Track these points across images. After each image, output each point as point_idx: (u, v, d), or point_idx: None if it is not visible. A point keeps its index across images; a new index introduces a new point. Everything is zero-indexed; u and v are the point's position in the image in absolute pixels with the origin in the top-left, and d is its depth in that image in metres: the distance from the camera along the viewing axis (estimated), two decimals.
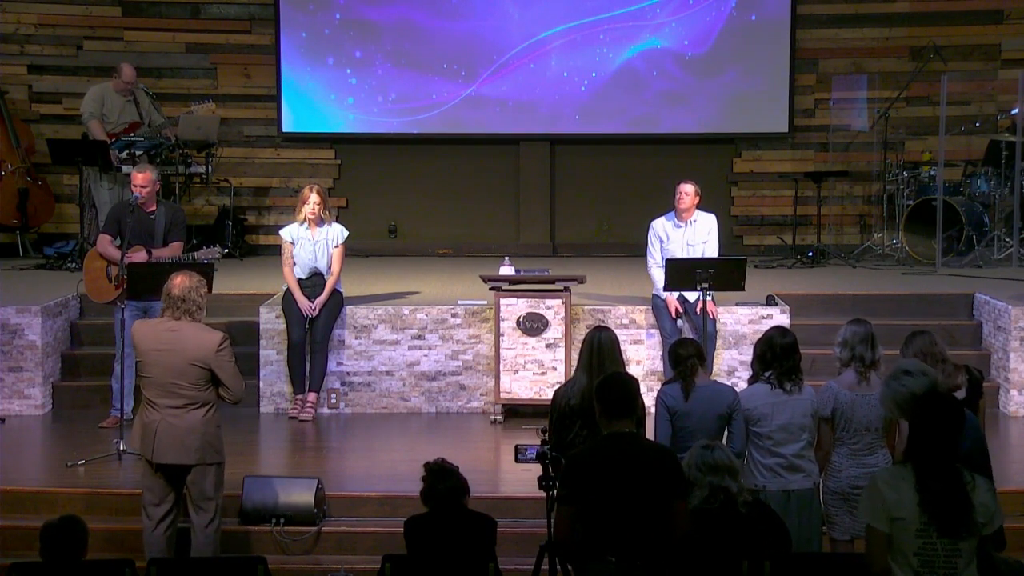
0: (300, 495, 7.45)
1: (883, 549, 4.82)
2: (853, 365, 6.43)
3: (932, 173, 12.62)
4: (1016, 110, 12.27)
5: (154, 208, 9.21)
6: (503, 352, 9.48)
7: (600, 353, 6.56)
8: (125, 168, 11.35)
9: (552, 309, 9.50)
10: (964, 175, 12.84)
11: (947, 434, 4.79)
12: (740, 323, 9.79)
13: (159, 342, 6.74)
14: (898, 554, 4.79)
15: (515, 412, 9.61)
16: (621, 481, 5.20)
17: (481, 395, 9.79)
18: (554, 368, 9.47)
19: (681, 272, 9.09)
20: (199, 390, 6.69)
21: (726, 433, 6.49)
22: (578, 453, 5.58)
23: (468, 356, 9.82)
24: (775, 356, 6.44)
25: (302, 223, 9.63)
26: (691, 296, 9.48)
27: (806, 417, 6.40)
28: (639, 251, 10.39)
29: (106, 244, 9.20)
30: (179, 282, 6.79)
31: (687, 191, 9.61)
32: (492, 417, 9.52)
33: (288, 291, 9.64)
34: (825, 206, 13.50)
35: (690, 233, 9.65)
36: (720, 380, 8.45)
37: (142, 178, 9.12)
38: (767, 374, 6.46)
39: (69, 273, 11.45)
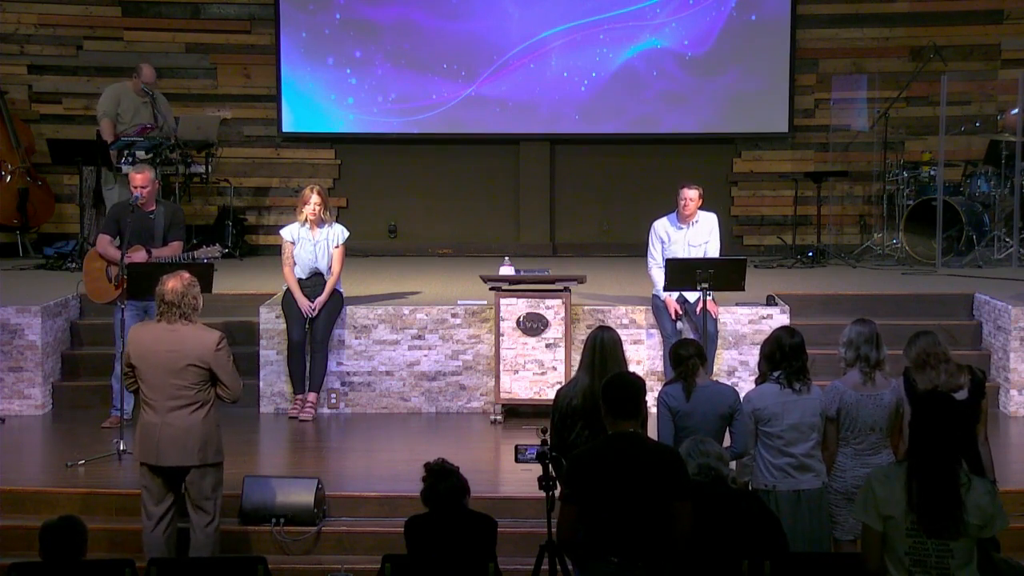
0: (300, 495, 7.45)
1: (877, 547, 4.82)
2: (858, 365, 6.44)
3: (932, 173, 12.61)
4: (1016, 111, 12.26)
5: (153, 208, 9.21)
6: (503, 352, 9.48)
7: (602, 353, 6.55)
8: (124, 168, 11.34)
9: (552, 309, 9.49)
10: (964, 175, 12.84)
11: (945, 434, 4.78)
12: (740, 323, 9.78)
13: (158, 342, 6.72)
14: (891, 553, 4.80)
15: (515, 412, 9.61)
16: (624, 481, 5.19)
17: (481, 395, 9.79)
18: (554, 368, 9.46)
19: (681, 272, 9.08)
20: (199, 390, 6.68)
21: (727, 434, 6.49)
22: (582, 452, 5.55)
23: (468, 356, 9.82)
24: (784, 356, 6.44)
25: (303, 223, 9.63)
26: (691, 296, 9.47)
27: (815, 417, 6.41)
28: (639, 251, 10.38)
29: (105, 244, 9.19)
30: (171, 286, 6.71)
31: (691, 196, 9.50)
32: (492, 417, 9.52)
33: (288, 291, 9.63)
34: (825, 206, 13.49)
35: (691, 234, 9.64)
36: (720, 380, 8.46)
37: (141, 178, 9.12)
38: (776, 374, 6.45)
39: (69, 273, 11.44)
